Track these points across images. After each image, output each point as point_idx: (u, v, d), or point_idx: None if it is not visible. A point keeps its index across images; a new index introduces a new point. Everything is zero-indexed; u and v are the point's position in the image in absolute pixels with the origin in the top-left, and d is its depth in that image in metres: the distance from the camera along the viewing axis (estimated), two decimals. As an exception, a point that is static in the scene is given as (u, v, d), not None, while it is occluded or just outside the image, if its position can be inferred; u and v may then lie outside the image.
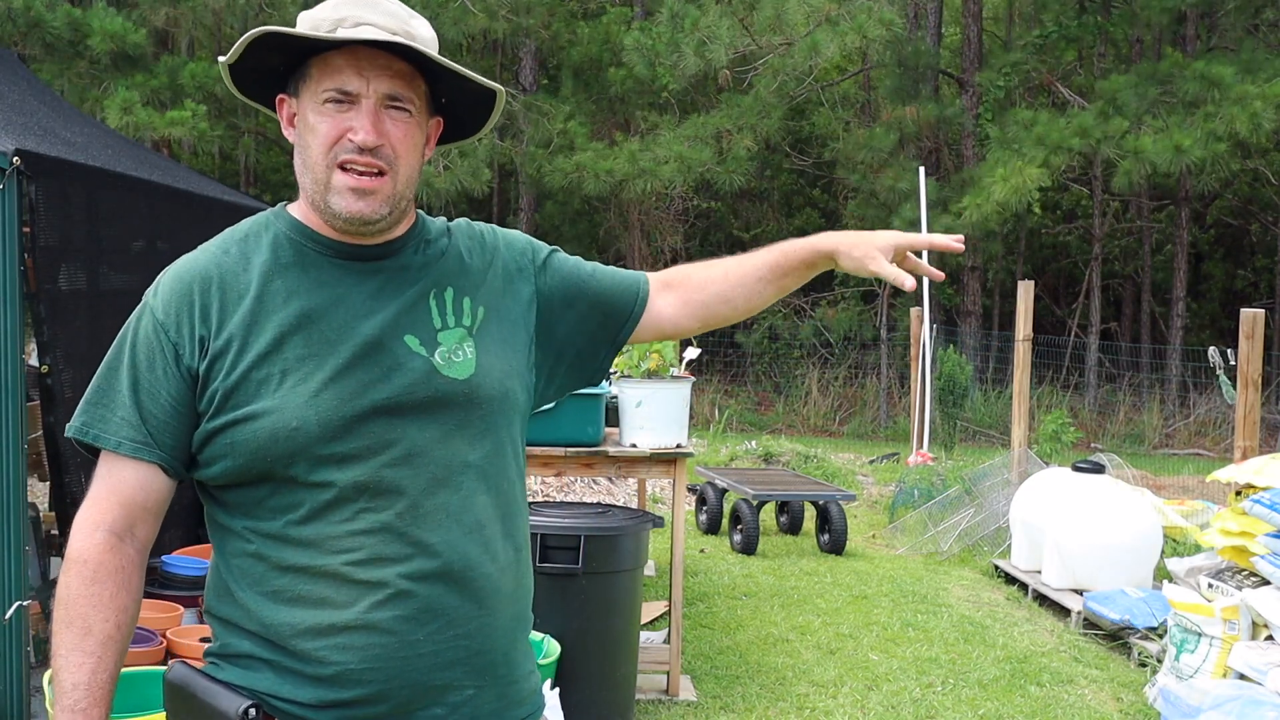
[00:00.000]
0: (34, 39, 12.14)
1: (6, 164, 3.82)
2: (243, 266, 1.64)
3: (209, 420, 1.59)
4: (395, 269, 1.68)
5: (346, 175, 1.61)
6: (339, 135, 1.60)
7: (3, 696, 3.91)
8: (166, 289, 1.64)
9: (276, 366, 1.58)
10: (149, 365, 1.60)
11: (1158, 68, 14.29)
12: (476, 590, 1.63)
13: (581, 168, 13.85)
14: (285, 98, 1.68)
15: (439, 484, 1.62)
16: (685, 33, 13.59)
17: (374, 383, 1.60)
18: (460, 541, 1.62)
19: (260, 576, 1.60)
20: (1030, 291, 8.21)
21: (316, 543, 1.58)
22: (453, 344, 1.66)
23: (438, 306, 1.68)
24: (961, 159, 16.00)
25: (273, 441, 1.56)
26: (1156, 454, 13.21)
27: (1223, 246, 20.95)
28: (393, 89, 1.61)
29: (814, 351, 16.54)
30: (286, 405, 1.56)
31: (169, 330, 1.60)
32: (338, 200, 1.61)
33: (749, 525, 7.49)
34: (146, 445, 1.59)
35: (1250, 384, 5.86)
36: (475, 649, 1.64)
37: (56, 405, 4.17)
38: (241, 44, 1.59)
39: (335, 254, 1.66)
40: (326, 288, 1.64)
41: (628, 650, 4.34)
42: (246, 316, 1.60)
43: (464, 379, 1.65)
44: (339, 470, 1.57)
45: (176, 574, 4.89)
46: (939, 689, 5.00)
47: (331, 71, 1.60)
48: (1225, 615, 4.55)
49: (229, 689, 1.59)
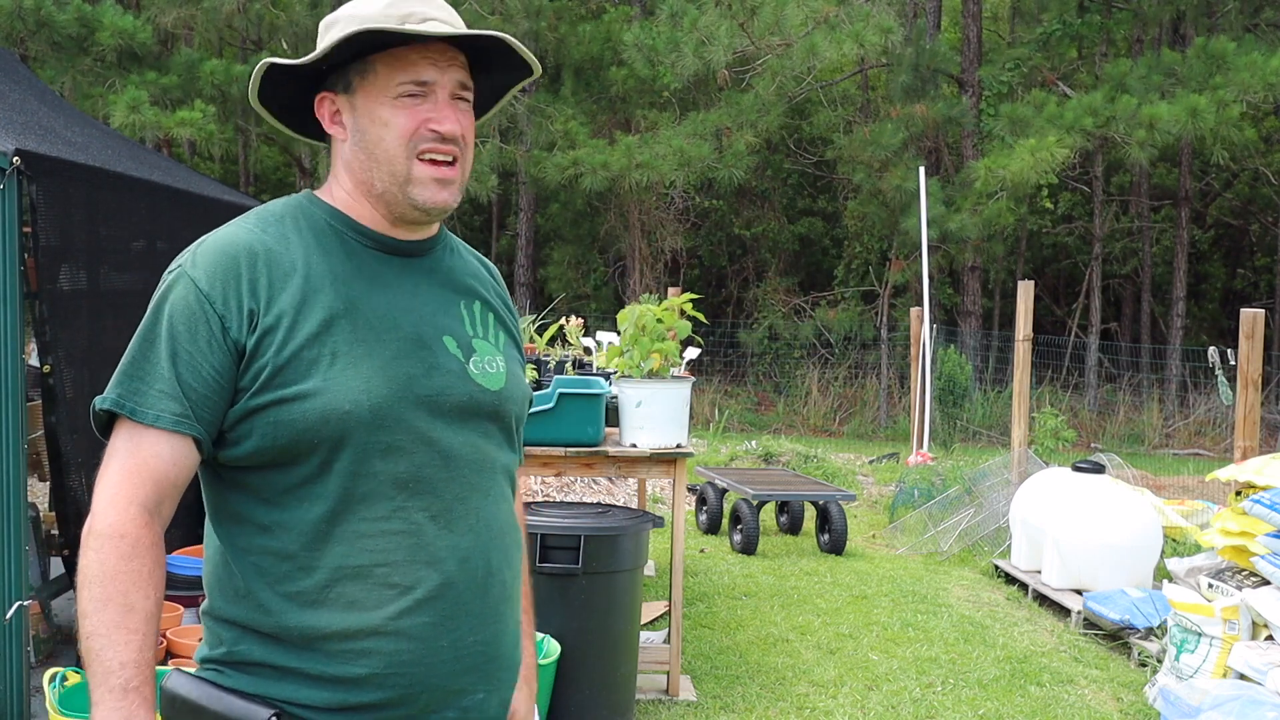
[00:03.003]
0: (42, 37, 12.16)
1: (6, 164, 3.83)
2: (284, 245, 1.60)
3: (252, 397, 1.54)
4: (427, 268, 1.71)
5: (428, 166, 1.62)
6: (417, 126, 1.61)
7: (3, 696, 3.92)
8: (210, 261, 1.56)
9: (327, 348, 1.55)
10: (190, 336, 1.53)
11: (1160, 59, 14.31)
12: (495, 597, 1.66)
13: (579, 163, 13.87)
14: (328, 95, 1.67)
15: (471, 489, 1.64)
16: (684, 32, 13.60)
17: (419, 377, 1.60)
18: (487, 548, 1.64)
19: (283, 576, 1.55)
20: (1030, 291, 8.21)
21: (348, 540, 1.55)
22: (486, 355, 1.70)
23: (468, 315, 1.72)
24: (962, 158, 16.00)
25: (323, 423, 1.52)
26: (1156, 454, 13.20)
27: (1223, 246, 20.96)
28: (463, 78, 1.65)
29: (814, 351, 16.54)
30: (338, 387, 1.53)
31: (214, 301, 1.54)
32: (420, 191, 1.62)
33: (749, 525, 7.50)
34: (186, 419, 1.52)
35: (1250, 384, 5.86)
36: (490, 654, 1.65)
37: (58, 405, 4.17)
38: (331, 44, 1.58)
39: (375, 246, 1.67)
40: (369, 277, 1.64)
41: (628, 650, 4.34)
42: (296, 295, 1.56)
43: (495, 390, 1.69)
44: (383, 461, 1.56)
45: (176, 574, 4.89)
46: (939, 689, 5.01)
47: (405, 65, 1.61)
48: (1225, 615, 4.55)
49: (244, 698, 1.53)
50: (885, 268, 16.69)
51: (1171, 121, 12.71)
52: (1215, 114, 12.68)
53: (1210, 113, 12.60)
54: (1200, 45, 13.57)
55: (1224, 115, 12.82)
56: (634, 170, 13.71)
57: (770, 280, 18.19)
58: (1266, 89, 12.80)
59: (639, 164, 13.71)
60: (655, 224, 16.62)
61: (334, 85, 1.66)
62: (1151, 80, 13.69)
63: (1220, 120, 12.84)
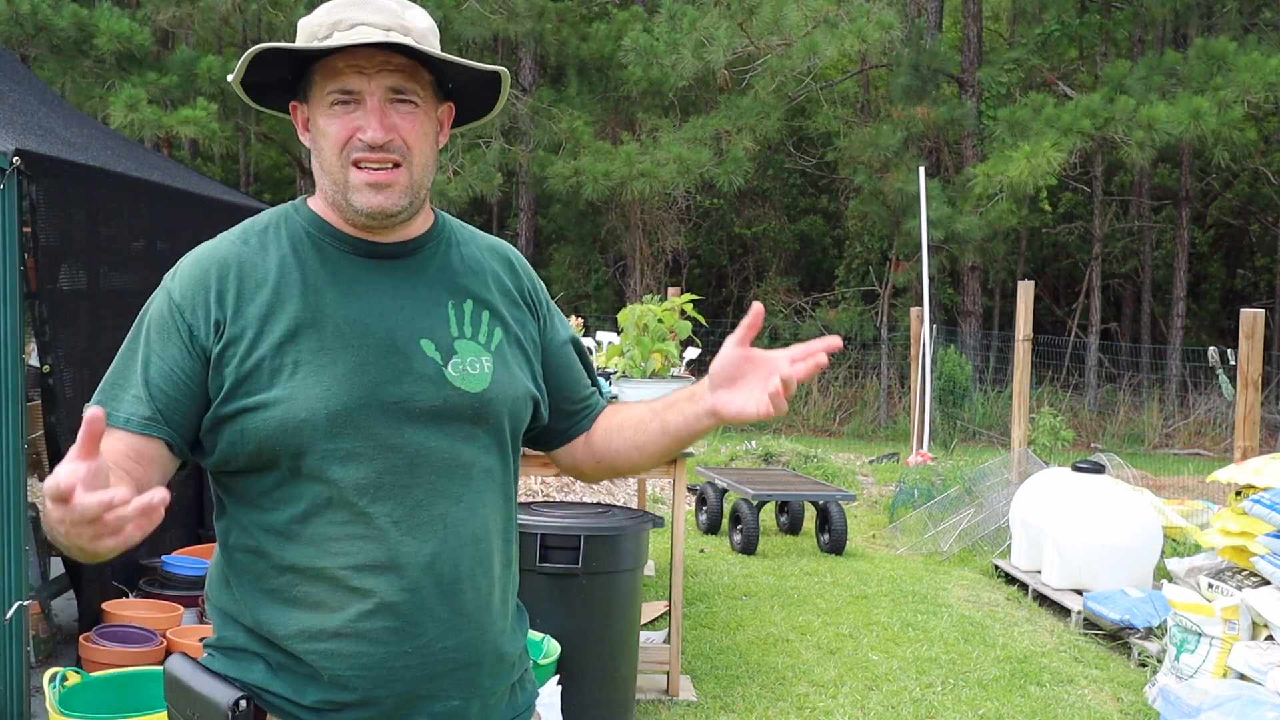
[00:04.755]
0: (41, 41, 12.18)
1: (6, 164, 3.83)
2: (261, 257, 1.65)
3: (219, 406, 1.60)
4: (412, 269, 1.70)
5: (362, 172, 1.62)
6: (349, 135, 1.62)
7: (3, 696, 3.92)
8: (185, 273, 1.65)
9: (290, 357, 1.59)
10: (162, 344, 1.60)
11: (1161, 60, 14.29)
12: (467, 603, 1.65)
13: (581, 172, 13.86)
14: (297, 105, 1.70)
15: (439, 494, 1.63)
16: (684, 33, 13.59)
17: (385, 383, 1.61)
18: (455, 554, 1.63)
19: (260, 574, 1.62)
20: (1030, 291, 8.21)
21: (316, 543, 1.59)
22: (468, 356, 1.68)
23: (456, 315, 1.70)
24: (962, 159, 16.00)
25: (281, 432, 1.57)
26: (1156, 454, 13.20)
27: (1223, 246, 20.95)
28: (395, 83, 1.63)
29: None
30: (297, 396, 1.57)
31: (184, 311, 1.61)
32: (358, 197, 1.63)
33: (749, 525, 7.50)
34: (154, 422, 1.58)
35: (1250, 384, 5.86)
36: (466, 661, 1.65)
37: (58, 405, 4.18)
38: (243, 63, 1.62)
39: (352, 250, 1.68)
40: (343, 283, 1.65)
41: (628, 650, 4.34)
42: (263, 306, 1.61)
43: (475, 392, 1.67)
44: (342, 467, 1.58)
45: (176, 574, 4.89)
46: (939, 689, 5.01)
47: (333, 75, 1.62)
48: (1225, 615, 4.55)
49: (222, 680, 1.61)
50: (886, 268, 16.69)
51: (1173, 123, 12.66)
52: (1218, 115, 12.64)
53: (1212, 115, 12.56)
54: (1201, 46, 13.54)
55: (1226, 116, 12.78)
56: (635, 179, 13.71)
57: (771, 280, 18.19)
58: (1267, 89, 12.76)
59: (640, 172, 13.70)
60: (656, 224, 16.61)
61: (300, 95, 1.69)
62: (1152, 81, 13.67)
63: (1222, 122, 12.80)
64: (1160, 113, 12.71)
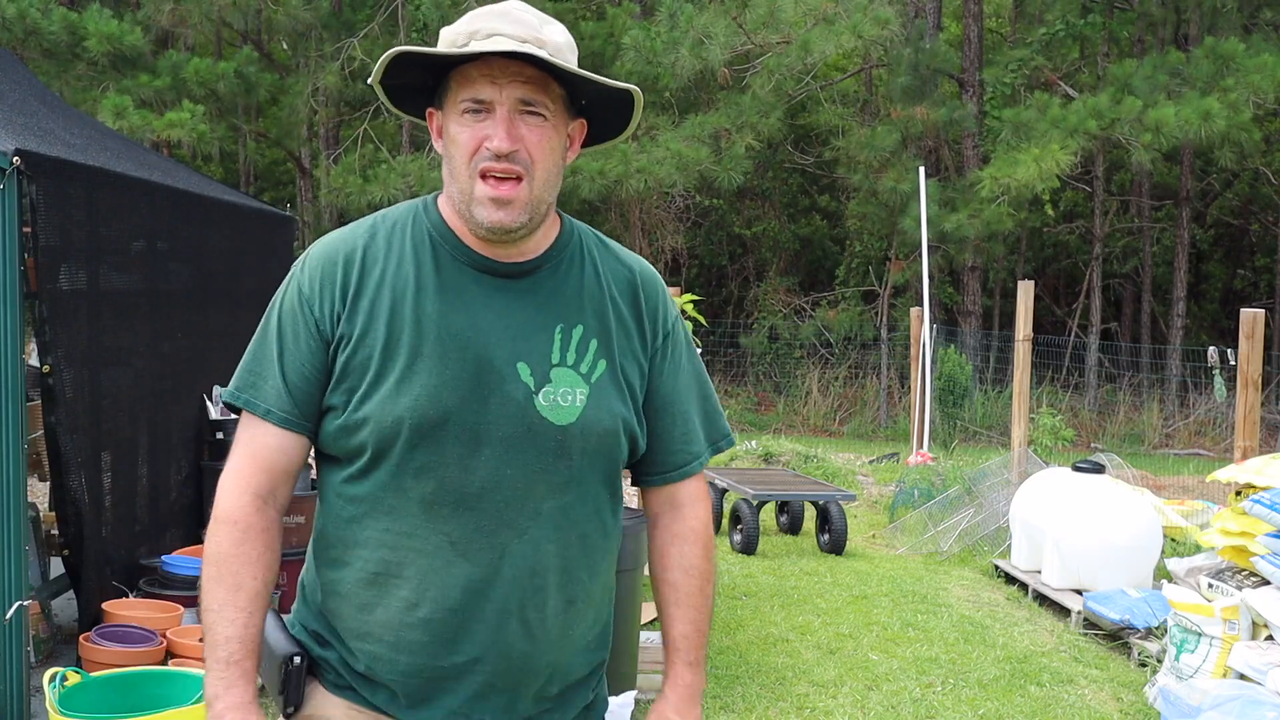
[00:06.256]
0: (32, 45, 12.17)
1: (7, 164, 3.83)
2: (384, 252, 1.68)
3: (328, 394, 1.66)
4: (525, 289, 1.68)
5: (487, 184, 1.62)
6: (478, 144, 1.62)
7: (3, 696, 3.92)
8: (313, 263, 1.69)
9: (387, 362, 1.62)
10: (294, 337, 1.65)
11: (1165, 59, 14.25)
12: (514, 636, 1.64)
13: (577, 171, 13.85)
14: (433, 111, 1.71)
15: (503, 524, 1.63)
16: (681, 32, 13.57)
17: (471, 402, 1.61)
18: (506, 585, 1.63)
19: (327, 560, 1.70)
20: (1030, 291, 8.21)
21: (372, 545, 1.64)
22: (562, 386, 1.65)
23: (561, 341, 1.67)
24: (962, 159, 16.00)
25: (367, 435, 1.62)
26: (1156, 454, 13.20)
27: (1223, 246, 20.95)
28: (525, 94, 1.62)
29: (814, 351, 16.54)
30: (387, 403, 1.60)
31: (312, 304, 1.65)
32: (480, 210, 1.63)
33: (749, 525, 7.50)
34: (292, 417, 1.65)
35: (1250, 384, 5.86)
36: (504, 688, 1.66)
37: (57, 405, 4.17)
38: (382, 64, 1.63)
39: (470, 263, 1.68)
40: (452, 294, 1.65)
41: (628, 650, 4.34)
42: (373, 306, 1.64)
43: (561, 425, 1.64)
44: (415, 480, 1.61)
45: (176, 574, 4.88)
46: (939, 689, 5.01)
47: (467, 82, 1.62)
48: (1225, 615, 4.55)
49: (287, 635, 1.71)
50: (885, 268, 16.69)
51: (1180, 125, 12.55)
52: (1227, 117, 12.53)
53: (1222, 116, 12.45)
54: (1209, 45, 13.40)
55: (1235, 118, 12.65)
56: (631, 176, 13.68)
57: (771, 280, 18.19)
58: (1277, 90, 12.68)
59: (637, 170, 13.68)
60: (656, 223, 16.62)
61: (436, 102, 1.70)
62: (1157, 80, 13.57)
63: (1232, 123, 12.66)
64: (1168, 114, 12.57)
